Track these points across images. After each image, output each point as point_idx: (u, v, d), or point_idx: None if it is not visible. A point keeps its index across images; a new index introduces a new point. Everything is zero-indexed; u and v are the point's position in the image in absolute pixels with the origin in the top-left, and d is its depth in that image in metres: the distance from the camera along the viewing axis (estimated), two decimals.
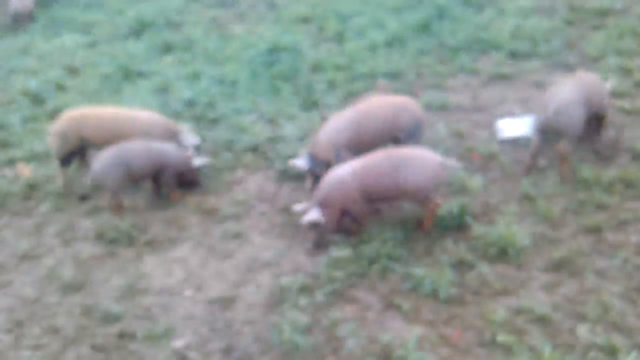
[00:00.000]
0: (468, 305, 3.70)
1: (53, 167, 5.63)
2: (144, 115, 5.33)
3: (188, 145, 5.22)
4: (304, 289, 3.94)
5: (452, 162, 4.27)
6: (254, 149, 5.66)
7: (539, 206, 4.37)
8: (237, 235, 4.59)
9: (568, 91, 4.58)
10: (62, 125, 5.14)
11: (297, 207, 4.41)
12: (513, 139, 5.24)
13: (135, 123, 5.16)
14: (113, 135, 5.04)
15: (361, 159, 4.27)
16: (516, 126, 5.30)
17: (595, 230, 4.16)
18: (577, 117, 4.53)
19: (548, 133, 4.71)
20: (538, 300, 3.66)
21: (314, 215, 4.15)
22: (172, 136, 5.22)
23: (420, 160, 4.13)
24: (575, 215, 4.31)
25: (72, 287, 4.24)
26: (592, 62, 6.19)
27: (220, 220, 4.79)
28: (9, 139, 6.40)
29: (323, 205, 4.18)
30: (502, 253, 4.01)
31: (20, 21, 10.22)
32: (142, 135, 5.06)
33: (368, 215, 4.41)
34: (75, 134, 5.11)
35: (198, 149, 5.43)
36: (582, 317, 3.51)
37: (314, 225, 4.22)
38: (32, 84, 7.44)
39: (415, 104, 4.81)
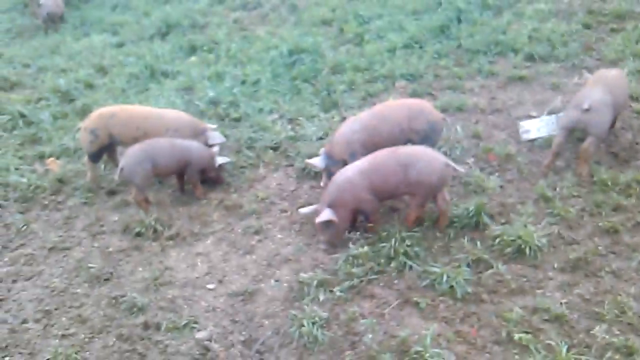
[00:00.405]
0: (484, 303, 3.73)
1: (82, 163, 5.76)
2: (171, 113, 5.44)
3: (213, 143, 5.31)
4: (323, 285, 3.98)
5: (456, 165, 4.33)
6: (275, 147, 5.73)
7: (555, 207, 4.38)
8: (258, 232, 4.66)
9: (600, 92, 4.63)
10: (93, 122, 5.27)
11: (304, 210, 4.46)
12: (538, 138, 5.26)
13: (163, 121, 5.27)
14: (141, 133, 5.17)
15: (365, 159, 4.32)
16: (540, 126, 5.33)
17: (612, 232, 4.17)
18: (606, 117, 4.58)
19: (575, 132, 4.76)
20: (554, 299, 3.68)
21: (327, 215, 4.18)
22: (199, 134, 5.31)
23: (428, 158, 4.19)
24: (591, 217, 4.32)
25: (99, 279, 4.32)
26: (610, 65, 6.13)
27: (242, 217, 4.86)
28: (40, 135, 6.54)
29: (333, 206, 4.20)
30: (519, 253, 4.03)
31: (52, 22, 10.44)
32: (170, 134, 5.18)
33: (379, 213, 4.45)
34: (104, 131, 5.24)
35: (222, 147, 5.53)
36: (598, 318, 3.53)
37: (327, 226, 4.26)
38: (62, 82, 7.57)
39: (430, 107, 4.83)
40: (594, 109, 4.51)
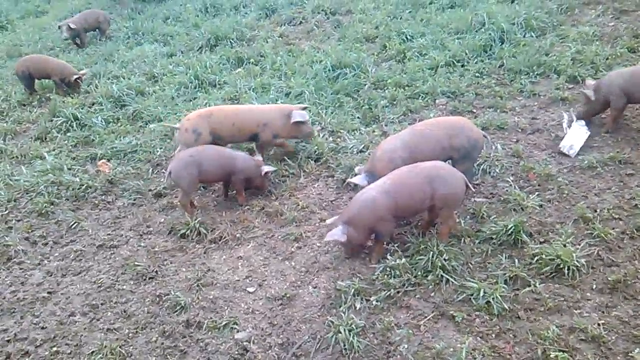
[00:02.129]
0: (520, 320, 3.72)
1: (131, 165, 6.02)
2: (260, 107, 5.84)
3: (295, 121, 5.60)
4: (360, 293, 4.03)
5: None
6: (317, 158, 5.85)
7: (595, 228, 4.32)
8: (298, 239, 4.75)
9: None
10: (194, 123, 5.51)
11: (329, 220, 4.49)
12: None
13: (254, 115, 5.63)
14: (236, 129, 5.55)
15: (387, 178, 4.30)
16: (579, 137, 5.37)
17: None
18: None
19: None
20: (592, 320, 3.64)
21: (335, 235, 4.17)
22: (287, 117, 5.62)
23: (451, 171, 4.24)
24: (632, 240, 4.24)
25: (144, 277, 4.49)
26: None
27: (283, 224, 4.98)
28: (92, 138, 6.84)
29: (350, 223, 4.18)
30: (557, 272, 4.00)
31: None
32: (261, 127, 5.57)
33: (390, 236, 4.50)
34: (206, 129, 5.48)
35: (265, 157, 5.67)
36: (637, 341, 3.47)
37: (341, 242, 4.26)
38: (115, 88, 7.88)
39: (471, 125, 4.85)
40: None
